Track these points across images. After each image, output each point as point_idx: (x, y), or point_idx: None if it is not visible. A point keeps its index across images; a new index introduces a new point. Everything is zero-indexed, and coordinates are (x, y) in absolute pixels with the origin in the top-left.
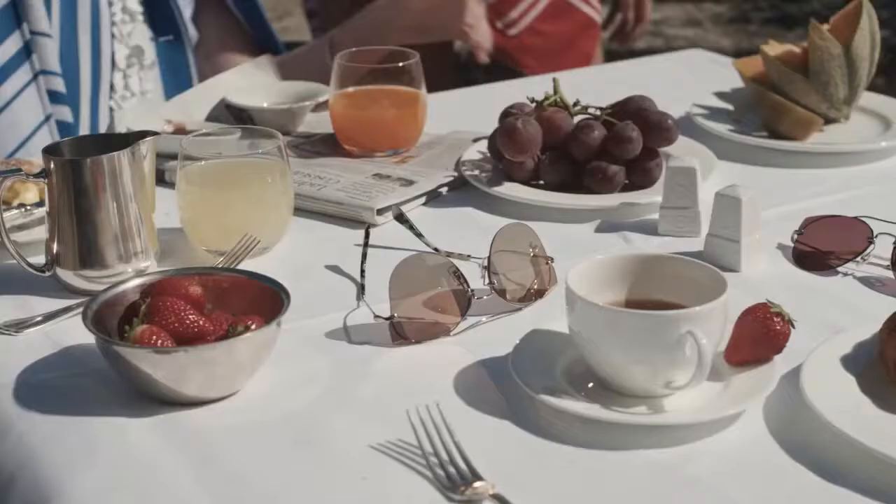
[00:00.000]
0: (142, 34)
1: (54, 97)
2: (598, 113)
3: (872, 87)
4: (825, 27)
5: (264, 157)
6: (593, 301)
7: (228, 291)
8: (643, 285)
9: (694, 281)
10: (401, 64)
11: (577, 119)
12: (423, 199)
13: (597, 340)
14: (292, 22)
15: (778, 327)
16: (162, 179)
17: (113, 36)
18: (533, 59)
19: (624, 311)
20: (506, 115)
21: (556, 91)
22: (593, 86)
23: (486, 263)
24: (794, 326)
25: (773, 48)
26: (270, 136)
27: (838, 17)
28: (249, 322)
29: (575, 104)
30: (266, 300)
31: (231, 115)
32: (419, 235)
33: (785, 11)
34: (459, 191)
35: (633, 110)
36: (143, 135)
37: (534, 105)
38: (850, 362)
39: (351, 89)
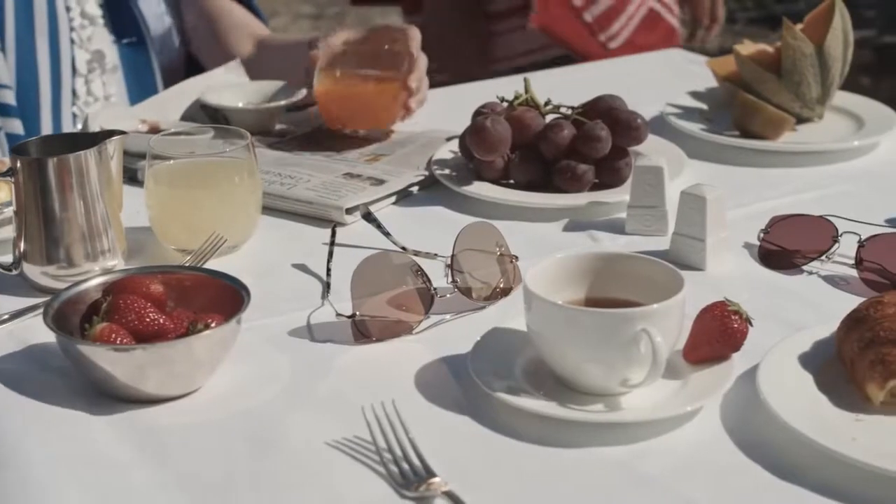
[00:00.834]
0: (102, 38)
1: (4, 110)
2: (569, 112)
3: (858, 87)
4: (798, 27)
5: (232, 156)
6: (550, 299)
7: (192, 290)
8: (603, 284)
9: (652, 279)
10: (386, 47)
11: (548, 118)
12: (393, 199)
13: (553, 339)
14: (280, 22)
15: (735, 325)
16: (135, 178)
17: (72, 41)
18: None
19: (579, 309)
20: (477, 114)
21: (527, 90)
22: (570, 86)
23: (449, 262)
24: (751, 324)
25: (746, 47)
26: (239, 135)
27: (811, 16)
28: (209, 320)
29: (546, 104)
30: (227, 298)
31: (206, 115)
32: (387, 234)
33: (771, 11)
34: (430, 190)
35: (603, 109)
36: (110, 134)
37: (505, 105)
38: (808, 360)
39: (337, 71)
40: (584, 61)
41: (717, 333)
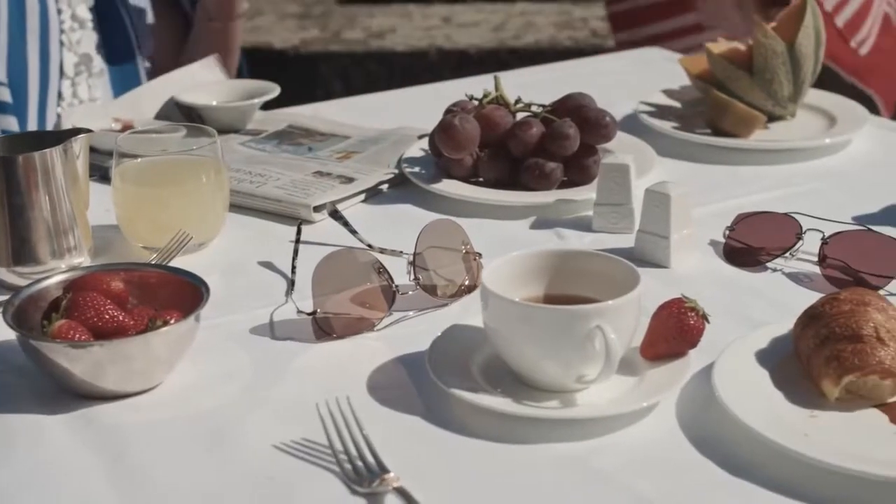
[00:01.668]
0: (91, 41)
1: (0, 107)
2: (539, 110)
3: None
4: (770, 25)
5: (199, 154)
6: (505, 296)
7: (155, 287)
8: (561, 281)
9: (610, 276)
10: None
11: (519, 117)
12: (362, 197)
13: (509, 336)
14: (264, 21)
15: (692, 322)
16: (107, 177)
17: (62, 43)
18: (876, 79)
19: (533, 306)
20: (448, 112)
21: (497, 88)
22: (546, 84)
23: (412, 259)
24: (708, 321)
25: (719, 45)
26: (206, 133)
27: (783, 14)
28: (169, 317)
29: (516, 102)
30: (189, 296)
31: (181, 113)
32: (353, 232)
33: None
34: (400, 188)
35: (571, 107)
36: (76, 132)
37: (475, 103)
38: (765, 357)
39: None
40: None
41: (674, 330)
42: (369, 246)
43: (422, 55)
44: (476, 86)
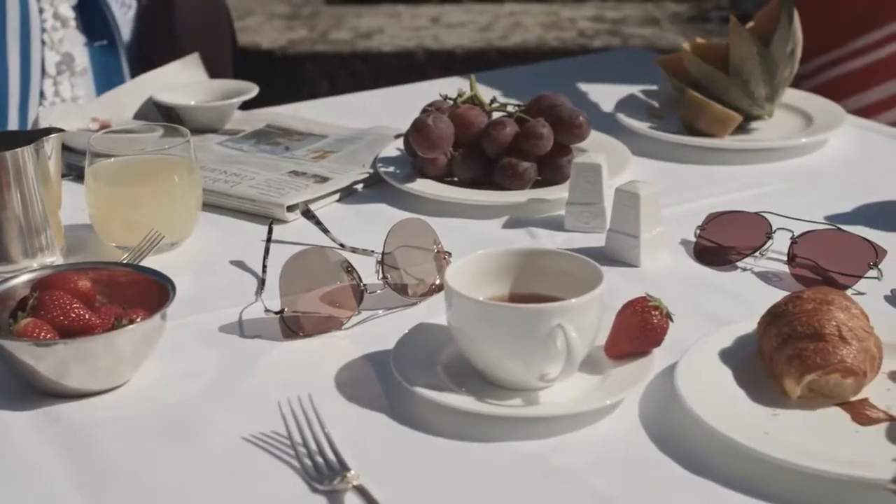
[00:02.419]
0: (73, 40)
1: None
2: (513, 110)
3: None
4: (748, 25)
5: (171, 154)
6: (468, 295)
7: (123, 286)
8: (527, 280)
9: (572, 274)
10: None
11: (495, 116)
12: (336, 196)
13: (472, 334)
14: (253, 21)
15: (655, 321)
16: (83, 176)
17: (43, 42)
18: None
19: (495, 304)
20: (423, 112)
21: (472, 88)
22: (527, 84)
23: (380, 258)
24: (672, 320)
25: (695, 45)
26: (179, 133)
27: (760, 14)
28: (135, 315)
29: (491, 102)
30: (156, 294)
31: (159, 113)
32: (325, 231)
33: (745, 10)
34: (374, 187)
35: (545, 107)
36: (48, 132)
37: (450, 103)
38: (729, 355)
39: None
40: None
41: (638, 329)
42: (341, 245)
43: (408, 55)
44: (458, 85)
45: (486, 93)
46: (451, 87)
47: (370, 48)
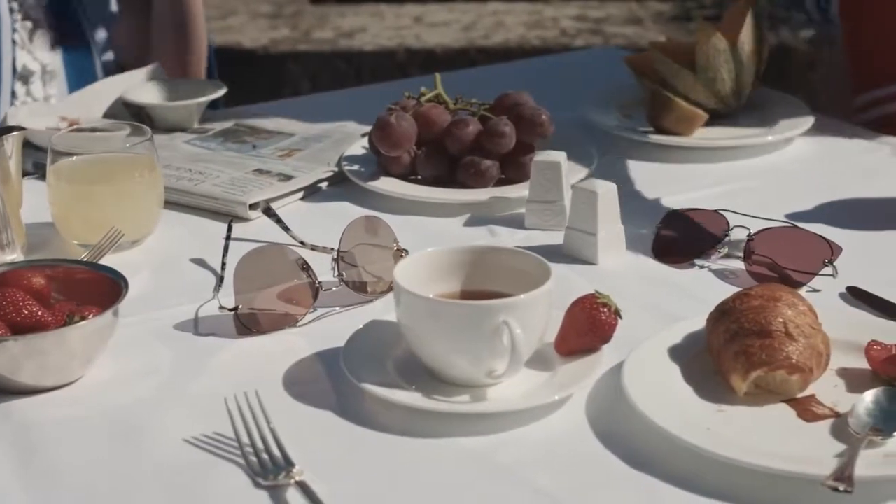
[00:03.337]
0: (45, 41)
1: None
2: (477, 108)
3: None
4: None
5: (132, 152)
6: (416, 292)
7: (79, 283)
8: (478, 277)
9: (522, 271)
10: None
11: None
12: (300, 194)
13: (420, 331)
14: (237, 21)
15: (603, 317)
16: None
17: (14, 43)
18: None
19: (442, 301)
20: (387, 111)
21: (436, 87)
22: (502, 83)
23: (335, 256)
24: (620, 317)
25: (663, 44)
26: (140, 131)
27: (727, 13)
28: (87, 312)
29: (456, 101)
30: (111, 291)
31: (129, 112)
32: (286, 229)
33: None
34: (339, 185)
35: (508, 105)
36: (7, 130)
37: (414, 101)
38: (678, 352)
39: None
40: None
41: (586, 326)
42: (301, 243)
43: (390, 55)
44: (416, 87)
45: (461, 92)
46: (429, 85)
47: (352, 47)
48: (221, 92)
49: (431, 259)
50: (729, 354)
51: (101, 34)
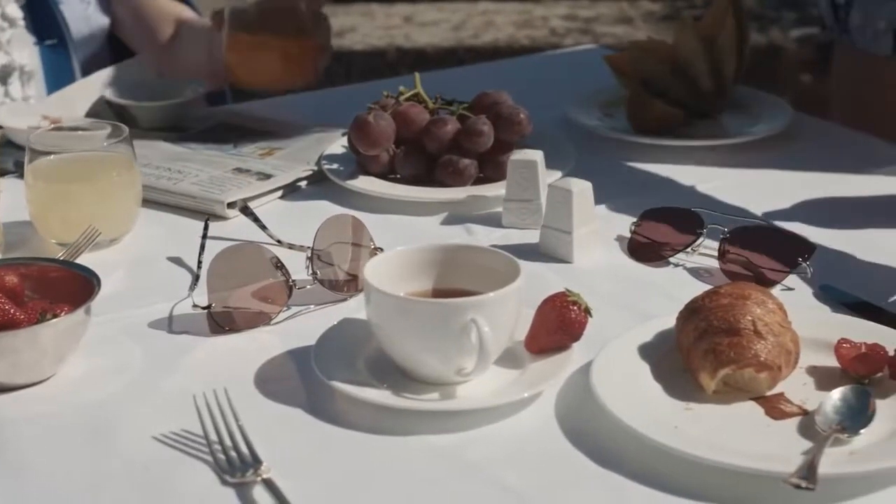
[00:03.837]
0: (23, 40)
1: None
2: (456, 108)
3: (798, 84)
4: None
5: (109, 151)
6: (385, 290)
7: (53, 282)
8: (450, 275)
9: (493, 269)
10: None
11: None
12: (279, 193)
13: (389, 329)
14: None
15: (573, 315)
16: None
17: None
18: None
19: (411, 299)
20: (367, 110)
21: (416, 86)
22: (486, 82)
23: (309, 254)
24: (591, 315)
25: (643, 43)
26: (118, 130)
27: (708, 12)
28: (60, 310)
29: (435, 100)
30: (84, 289)
31: (111, 111)
32: (263, 228)
33: None
34: (318, 184)
35: (487, 104)
36: None
37: (393, 101)
38: (648, 350)
39: (243, 32)
40: None
41: (556, 324)
42: (278, 241)
43: (380, 54)
44: (425, 82)
45: (446, 91)
46: (427, 83)
47: (342, 47)
48: (202, 91)
49: (402, 258)
50: (698, 352)
51: (78, 34)
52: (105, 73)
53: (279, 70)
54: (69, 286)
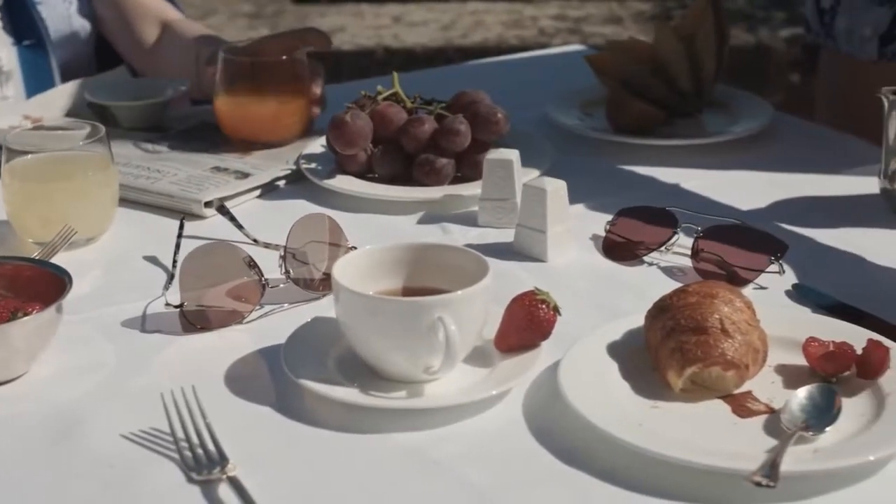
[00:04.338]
0: (0, 40)
1: None
2: (434, 107)
3: (787, 84)
4: (673, 23)
5: (85, 150)
6: (353, 289)
7: (27, 280)
8: (420, 274)
9: (462, 268)
10: (283, 57)
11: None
12: (257, 192)
13: (357, 328)
14: (216, 21)
15: (541, 314)
16: None
17: None
18: None
19: (378, 297)
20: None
21: (394, 85)
22: (469, 81)
23: (282, 253)
24: (560, 314)
25: (623, 42)
26: (94, 130)
27: (687, 11)
28: (31, 308)
29: (413, 99)
30: (57, 288)
31: (92, 112)
32: (239, 227)
33: None
34: (296, 183)
35: (465, 104)
36: None
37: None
38: (617, 348)
39: (237, 89)
40: None
41: (525, 322)
42: (254, 240)
43: (369, 54)
44: (413, 82)
45: (431, 92)
46: (410, 83)
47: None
48: (183, 90)
49: (373, 256)
50: (665, 351)
51: (58, 34)
52: (89, 78)
53: (271, 124)
54: (42, 285)
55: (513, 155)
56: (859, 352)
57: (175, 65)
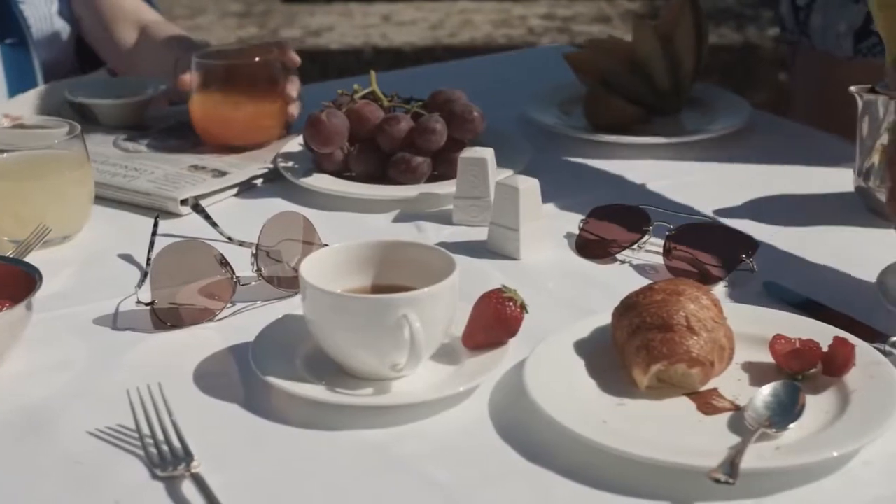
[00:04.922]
0: None
1: None
2: (411, 106)
3: (776, 83)
4: (652, 22)
5: (61, 148)
6: (319, 286)
7: (0, 278)
8: (389, 271)
9: (429, 265)
10: (257, 59)
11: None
12: (234, 190)
13: (324, 325)
14: (205, 20)
15: (509, 312)
16: None
17: None
18: None
19: (344, 295)
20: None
21: (371, 84)
22: (450, 80)
23: (254, 251)
24: (527, 311)
25: (602, 41)
26: (70, 128)
27: (666, 10)
28: (1, 306)
29: (391, 98)
30: (27, 285)
31: (73, 111)
32: (214, 225)
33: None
34: (274, 182)
35: (441, 102)
36: None
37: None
38: (584, 346)
39: (212, 93)
40: None
41: (492, 320)
42: (229, 238)
43: (356, 53)
44: (400, 80)
45: (411, 91)
46: (392, 82)
47: (318, 46)
48: (163, 88)
49: (341, 254)
50: (631, 348)
51: (40, 33)
52: (71, 79)
53: (247, 128)
54: (13, 283)
55: (486, 153)
56: (825, 349)
57: (153, 68)
